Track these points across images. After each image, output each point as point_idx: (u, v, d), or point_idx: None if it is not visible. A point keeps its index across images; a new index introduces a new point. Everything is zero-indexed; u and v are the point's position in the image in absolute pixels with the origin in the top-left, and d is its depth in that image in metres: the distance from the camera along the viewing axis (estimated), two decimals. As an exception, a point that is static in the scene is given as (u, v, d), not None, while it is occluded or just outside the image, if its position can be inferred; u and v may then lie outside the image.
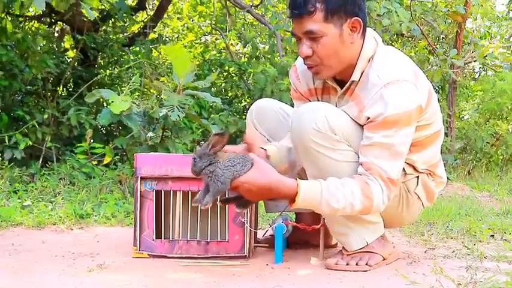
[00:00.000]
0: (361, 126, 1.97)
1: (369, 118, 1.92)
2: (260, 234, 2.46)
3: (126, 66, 5.27)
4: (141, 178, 2.19)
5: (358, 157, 1.95)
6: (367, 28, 2.04)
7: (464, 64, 6.03)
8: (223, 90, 6.32)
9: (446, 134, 6.22)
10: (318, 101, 2.16)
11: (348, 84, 2.03)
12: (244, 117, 5.26)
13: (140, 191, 2.20)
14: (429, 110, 2.02)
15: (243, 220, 2.15)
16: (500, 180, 5.90)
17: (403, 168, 2.04)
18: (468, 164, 6.57)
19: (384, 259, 2.08)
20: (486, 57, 5.78)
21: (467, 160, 6.71)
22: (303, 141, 1.95)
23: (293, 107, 2.28)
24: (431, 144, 2.10)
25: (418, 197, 2.14)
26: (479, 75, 8.88)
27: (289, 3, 2.00)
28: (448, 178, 5.17)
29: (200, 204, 1.86)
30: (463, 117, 7.75)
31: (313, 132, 1.93)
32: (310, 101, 2.18)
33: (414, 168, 2.09)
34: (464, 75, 7.49)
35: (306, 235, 2.39)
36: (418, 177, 2.12)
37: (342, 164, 1.95)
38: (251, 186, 1.85)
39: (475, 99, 7.97)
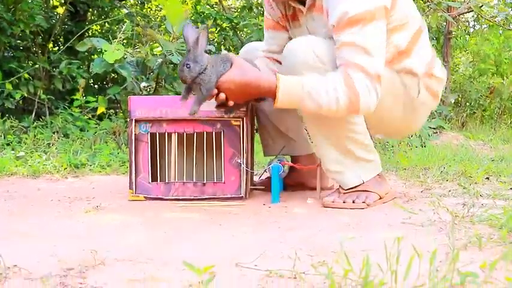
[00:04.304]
0: None
1: (334, 26, 1.91)
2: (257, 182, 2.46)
3: (117, 16, 5.17)
4: (136, 121, 2.17)
5: None
6: None
7: (460, 15, 5.96)
8: (216, 43, 6.26)
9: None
10: (290, 27, 2.20)
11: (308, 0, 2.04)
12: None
13: (135, 134, 2.17)
14: (398, 10, 1.96)
15: (239, 161, 2.14)
16: (494, 131, 5.90)
17: (403, 81, 2.03)
18: (462, 116, 6.56)
19: (381, 198, 2.07)
20: (482, 8, 5.71)
21: (461, 112, 6.70)
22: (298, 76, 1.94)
23: None
24: (415, 46, 2.05)
25: (423, 102, 2.11)
26: (474, 29, 8.80)
27: None
28: (442, 127, 5.18)
29: (189, 113, 1.93)
30: (457, 70, 7.69)
31: (306, 66, 1.92)
32: (283, 28, 2.22)
33: (413, 75, 2.05)
34: (459, 26, 7.39)
35: (303, 177, 2.39)
36: (418, 83, 2.07)
37: None
38: (231, 84, 1.88)
39: (469, 53, 7.90)
